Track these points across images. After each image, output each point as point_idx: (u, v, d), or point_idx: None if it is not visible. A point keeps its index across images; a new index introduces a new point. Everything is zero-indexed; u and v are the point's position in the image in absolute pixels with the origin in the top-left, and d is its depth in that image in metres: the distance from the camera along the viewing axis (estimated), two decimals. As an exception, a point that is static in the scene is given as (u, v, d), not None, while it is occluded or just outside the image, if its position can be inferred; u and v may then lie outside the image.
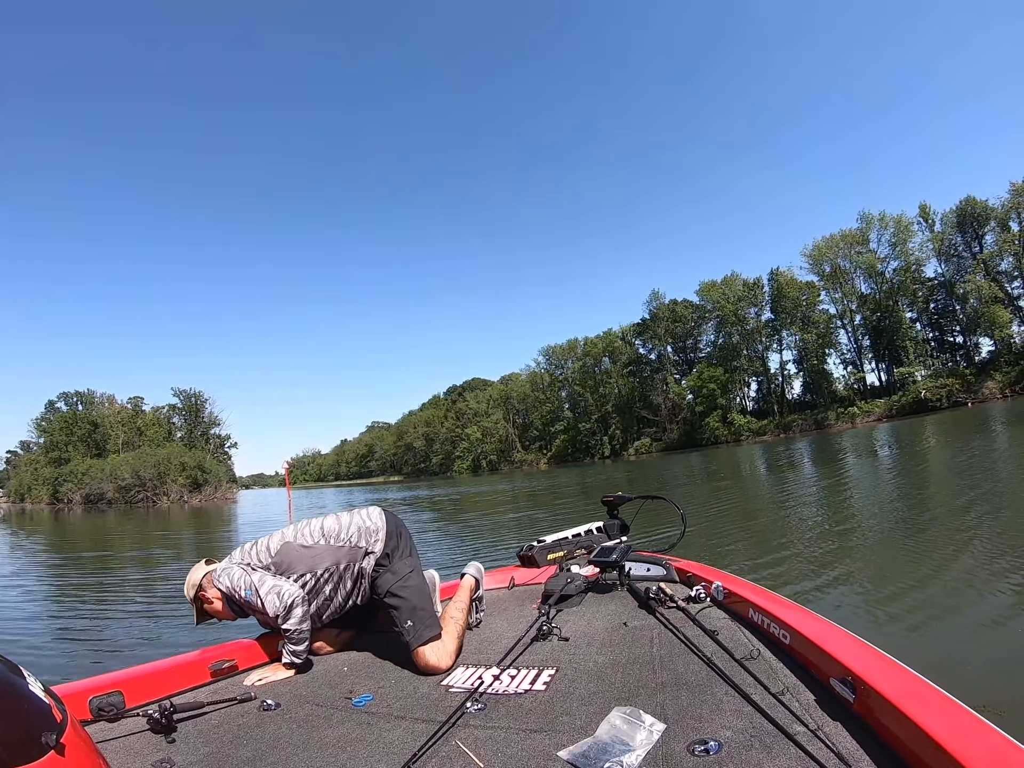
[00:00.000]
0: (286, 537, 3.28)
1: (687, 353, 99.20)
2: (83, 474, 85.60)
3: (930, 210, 75.42)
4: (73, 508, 78.65)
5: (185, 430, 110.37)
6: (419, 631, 2.96)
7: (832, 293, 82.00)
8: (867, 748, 1.66)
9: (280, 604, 3.01)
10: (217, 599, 3.24)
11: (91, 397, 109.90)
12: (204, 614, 3.32)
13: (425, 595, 3.20)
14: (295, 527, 3.35)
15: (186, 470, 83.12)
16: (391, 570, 3.25)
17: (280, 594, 3.04)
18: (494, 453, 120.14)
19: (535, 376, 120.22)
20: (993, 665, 4.15)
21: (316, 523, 3.35)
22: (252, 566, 3.18)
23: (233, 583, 3.13)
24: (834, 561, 7.56)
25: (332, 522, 3.35)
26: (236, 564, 3.22)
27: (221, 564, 3.29)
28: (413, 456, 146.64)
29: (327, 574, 3.22)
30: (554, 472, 65.50)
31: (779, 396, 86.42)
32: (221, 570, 3.22)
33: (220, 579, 3.19)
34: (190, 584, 3.26)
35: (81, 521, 45.01)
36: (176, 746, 2.27)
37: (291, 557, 3.21)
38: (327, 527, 3.32)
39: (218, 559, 3.40)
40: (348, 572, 3.25)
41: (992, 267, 69.94)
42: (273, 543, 3.26)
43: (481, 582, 3.66)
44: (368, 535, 3.31)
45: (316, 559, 3.22)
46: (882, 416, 69.15)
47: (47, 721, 1.24)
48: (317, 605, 3.22)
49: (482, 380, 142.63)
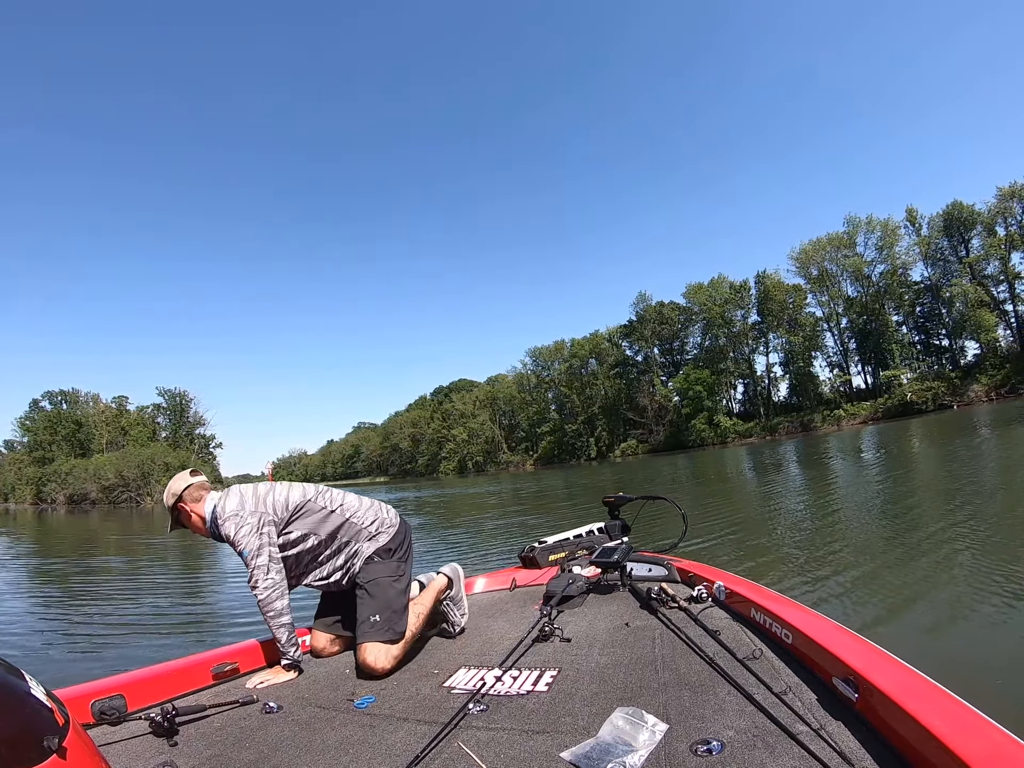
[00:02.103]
0: (307, 495, 3.35)
1: (674, 355, 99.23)
2: (67, 474, 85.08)
3: (917, 214, 75.86)
4: (57, 508, 78.12)
5: (170, 430, 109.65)
6: (381, 629, 3.02)
7: (819, 296, 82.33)
8: (870, 747, 1.66)
9: (260, 584, 3.06)
10: (199, 518, 3.28)
11: (76, 396, 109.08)
12: (179, 523, 3.35)
13: (403, 604, 3.25)
14: (316, 488, 3.44)
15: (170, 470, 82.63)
16: (386, 564, 3.32)
17: (266, 576, 3.08)
18: (480, 454, 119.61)
19: (522, 377, 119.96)
20: (994, 663, 4.15)
21: (338, 494, 3.47)
22: (263, 520, 3.18)
23: (235, 534, 3.13)
24: (830, 560, 7.59)
25: (353, 499, 3.47)
26: (249, 513, 3.18)
27: (231, 503, 3.22)
28: (399, 457, 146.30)
29: (328, 540, 3.30)
30: (540, 474, 65.48)
31: (765, 398, 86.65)
32: (229, 511, 3.18)
33: (225, 519, 3.16)
34: (170, 493, 3.29)
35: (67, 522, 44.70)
36: (178, 749, 2.28)
37: (301, 514, 3.28)
38: (347, 501, 3.43)
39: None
40: (346, 548, 3.33)
41: (978, 271, 70.44)
42: (293, 499, 3.31)
43: (456, 584, 3.64)
44: (380, 523, 3.43)
45: (323, 523, 3.31)
46: (868, 419, 69.46)
47: (49, 725, 1.23)
48: (303, 564, 3.33)
49: (468, 381, 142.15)
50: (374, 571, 3.28)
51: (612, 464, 69.56)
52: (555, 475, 51.43)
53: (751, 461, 34.31)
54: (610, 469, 53.11)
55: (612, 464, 69.56)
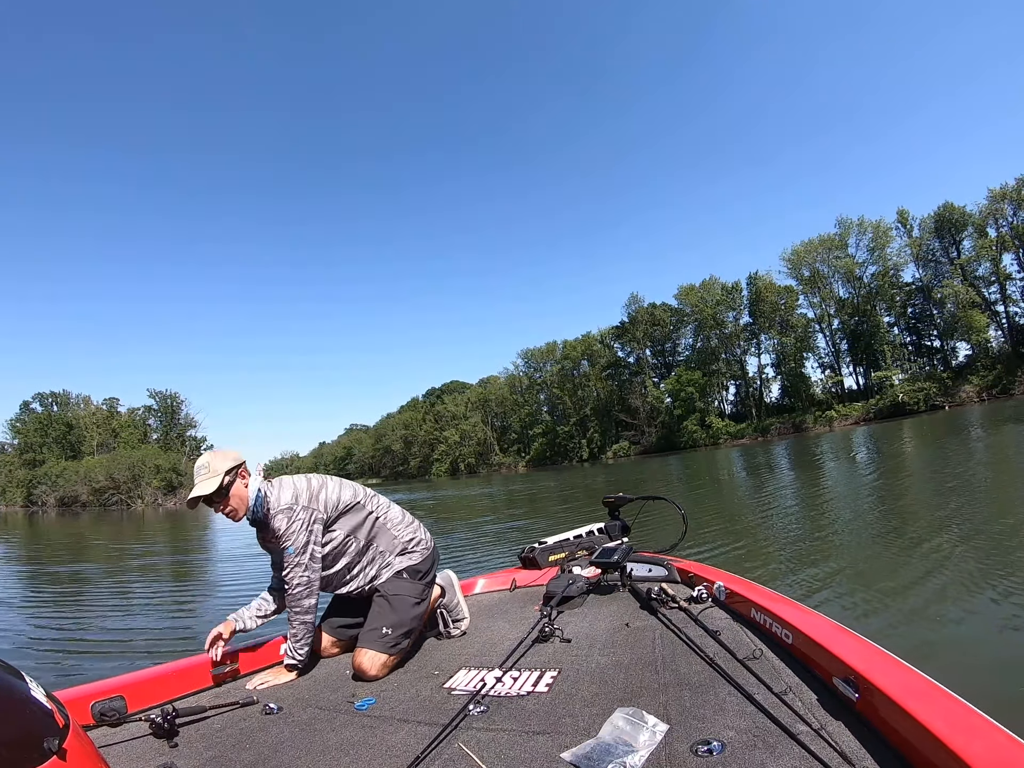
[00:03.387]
0: (357, 496, 3.34)
1: (665, 356, 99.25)
2: (57, 476, 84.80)
3: (908, 215, 76.10)
4: (47, 511, 77.76)
5: (161, 432, 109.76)
6: (388, 642, 3.02)
7: (810, 297, 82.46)
8: (870, 747, 1.66)
9: (295, 580, 3.04)
10: (241, 504, 3.14)
11: (66, 398, 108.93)
12: (214, 498, 3.08)
13: (416, 627, 3.26)
14: (365, 491, 3.43)
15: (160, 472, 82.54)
16: (413, 584, 3.33)
17: (303, 573, 3.07)
18: (472, 456, 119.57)
19: (513, 379, 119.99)
20: (996, 662, 4.18)
21: (385, 502, 3.48)
22: (314, 517, 3.15)
23: (286, 528, 3.08)
24: (826, 559, 7.64)
25: (397, 511, 3.49)
26: (301, 508, 3.13)
27: (285, 495, 3.15)
28: (391, 459, 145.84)
29: (365, 546, 3.31)
30: (532, 475, 65.24)
31: (757, 399, 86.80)
32: (284, 503, 3.12)
33: (279, 512, 3.10)
34: (214, 471, 3.07)
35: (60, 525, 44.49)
36: (178, 750, 2.28)
37: (347, 514, 3.27)
38: (392, 512, 3.45)
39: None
40: (379, 558, 3.33)
41: (969, 272, 70.67)
42: (344, 498, 3.30)
43: (449, 591, 3.66)
44: (416, 542, 3.44)
45: (364, 527, 3.31)
46: (859, 419, 69.56)
47: (49, 726, 1.23)
48: (334, 563, 3.28)
49: (460, 383, 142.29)
50: (401, 587, 3.28)
51: (604, 466, 69.57)
52: (547, 477, 51.28)
53: (743, 462, 34.38)
54: (602, 471, 53.10)
55: (604, 466, 69.57)
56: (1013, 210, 67.67)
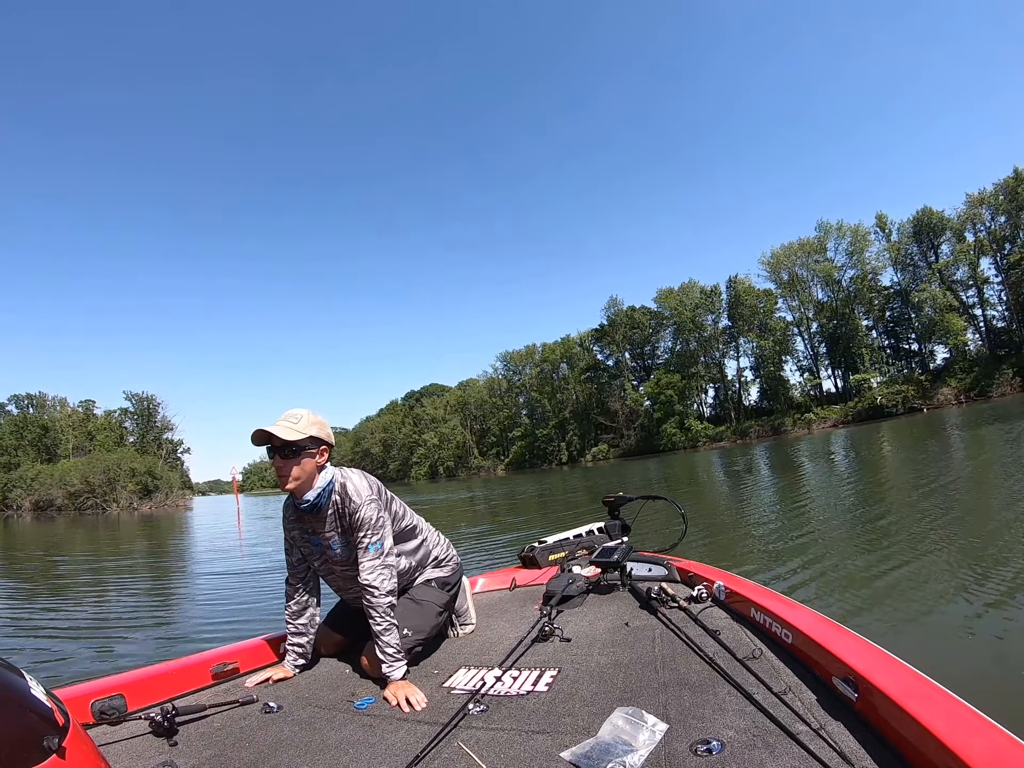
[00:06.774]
0: (400, 504, 3.24)
1: (645, 360, 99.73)
2: (32, 480, 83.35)
3: (887, 220, 76.86)
4: (23, 515, 76.50)
5: (137, 435, 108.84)
6: (405, 642, 2.91)
7: (789, 301, 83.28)
8: (870, 747, 1.67)
9: (385, 586, 2.83)
10: (304, 478, 2.89)
11: (43, 400, 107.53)
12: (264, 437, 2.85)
13: (433, 635, 3.22)
14: (401, 501, 3.29)
15: (136, 476, 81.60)
16: (440, 593, 3.28)
17: (392, 578, 2.90)
18: (451, 459, 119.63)
19: (493, 382, 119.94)
20: (996, 662, 4.19)
21: (416, 515, 3.36)
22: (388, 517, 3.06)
23: (374, 522, 2.91)
24: (809, 559, 7.72)
25: (427, 525, 3.42)
26: (384, 504, 3.04)
27: (364, 486, 2.99)
28: (370, 462, 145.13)
29: (407, 557, 3.21)
30: (512, 479, 65.29)
31: (736, 402, 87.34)
32: (368, 495, 2.94)
33: (366, 502, 2.91)
34: (301, 427, 2.86)
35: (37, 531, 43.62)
36: (178, 749, 2.26)
37: (394, 522, 3.13)
38: (425, 525, 3.40)
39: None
40: (408, 571, 3.22)
41: (947, 276, 71.92)
42: (408, 514, 3.26)
43: (462, 596, 3.59)
44: (448, 558, 3.42)
45: (405, 536, 3.22)
46: (838, 422, 70.40)
47: (49, 724, 1.23)
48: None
49: (440, 386, 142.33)
50: (428, 594, 3.23)
51: (583, 469, 69.70)
52: (527, 480, 51.46)
53: (722, 465, 34.58)
54: (582, 474, 53.10)
55: (583, 469, 69.70)
56: (991, 215, 68.41)
